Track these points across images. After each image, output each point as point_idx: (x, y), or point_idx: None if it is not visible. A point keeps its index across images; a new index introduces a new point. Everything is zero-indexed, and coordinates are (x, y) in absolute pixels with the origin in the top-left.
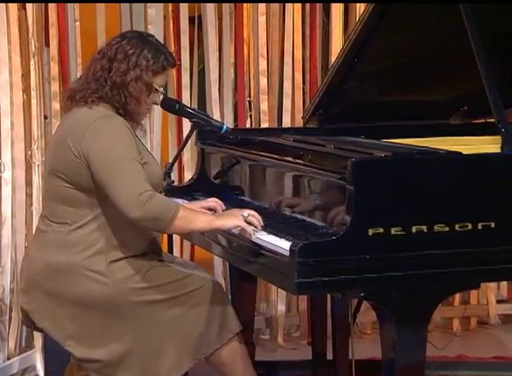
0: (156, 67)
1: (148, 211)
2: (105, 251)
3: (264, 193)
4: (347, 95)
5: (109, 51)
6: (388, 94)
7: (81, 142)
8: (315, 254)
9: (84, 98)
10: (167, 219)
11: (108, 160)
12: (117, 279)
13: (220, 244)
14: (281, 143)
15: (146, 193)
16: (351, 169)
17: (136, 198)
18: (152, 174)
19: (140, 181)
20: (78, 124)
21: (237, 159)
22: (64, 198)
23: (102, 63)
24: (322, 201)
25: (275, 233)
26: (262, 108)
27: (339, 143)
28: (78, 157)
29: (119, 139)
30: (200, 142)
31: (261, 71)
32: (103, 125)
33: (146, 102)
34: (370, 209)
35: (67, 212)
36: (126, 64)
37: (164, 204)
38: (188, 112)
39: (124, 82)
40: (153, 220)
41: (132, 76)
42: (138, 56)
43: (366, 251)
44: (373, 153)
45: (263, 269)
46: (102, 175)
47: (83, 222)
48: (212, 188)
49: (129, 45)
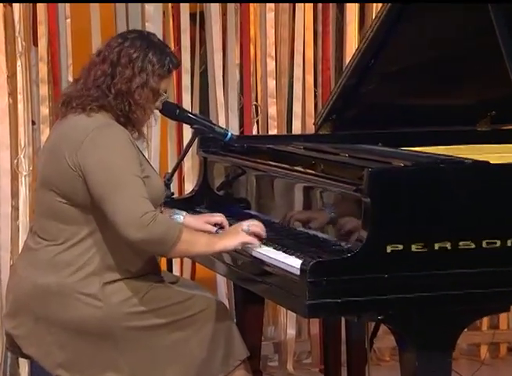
0: (163, 71)
1: (150, 235)
2: (99, 272)
3: (272, 206)
4: (363, 99)
5: (111, 54)
6: (409, 97)
7: (78, 153)
8: (328, 273)
9: (83, 105)
10: (170, 243)
11: (107, 174)
12: (112, 302)
13: (224, 261)
14: (291, 152)
15: (148, 214)
16: (367, 180)
17: (138, 219)
18: (153, 189)
19: (142, 200)
20: (75, 133)
21: (243, 169)
22: (56, 214)
23: (104, 68)
24: (336, 215)
25: (284, 250)
26: (270, 113)
27: (354, 152)
28: (74, 168)
29: (119, 150)
30: (202, 150)
31: (268, 73)
32: (103, 135)
33: (151, 109)
34: (388, 224)
35: (59, 229)
36: (131, 70)
37: (167, 227)
38: (189, 117)
39: (129, 90)
40: (154, 244)
41: (138, 82)
42: (144, 59)
43: (384, 269)
44: (391, 162)
45: (271, 290)
46: (99, 190)
47: (76, 240)
48: (215, 200)
49: (132, 48)
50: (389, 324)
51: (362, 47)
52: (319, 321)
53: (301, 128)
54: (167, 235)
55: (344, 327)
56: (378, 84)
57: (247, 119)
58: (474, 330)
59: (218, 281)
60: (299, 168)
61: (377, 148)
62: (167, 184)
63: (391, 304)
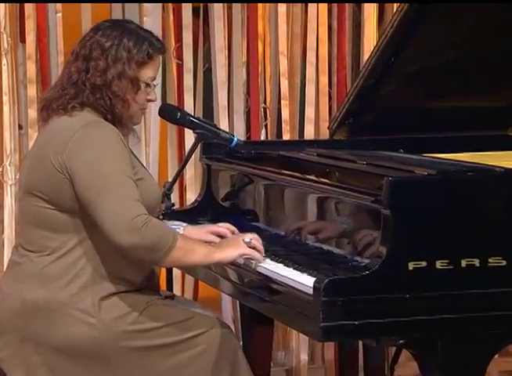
0: (141, 57)
1: (142, 239)
2: (92, 285)
3: (282, 219)
4: (382, 101)
5: (83, 49)
6: (432, 100)
7: (64, 154)
8: (344, 292)
9: (63, 105)
10: (163, 249)
11: (95, 176)
12: (107, 319)
13: (229, 279)
14: (303, 159)
15: (140, 217)
16: (387, 190)
17: (129, 223)
18: (148, 192)
19: (133, 202)
20: (60, 134)
21: (250, 177)
22: (43, 222)
23: (77, 65)
24: (353, 229)
25: (295, 267)
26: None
27: (373, 159)
28: (60, 171)
29: (109, 150)
30: (205, 157)
31: (278, 72)
32: (90, 133)
33: (135, 100)
34: (410, 238)
35: (46, 239)
36: (104, 61)
37: (161, 232)
38: (191, 121)
39: (105, 82)
40: (147, 250)
41: (114, 73)
42: (118, 47)
43: (406, 288)
44: (413, 170)
45: (281, 310)
46: (87, 193)
47: (65, 249)
48: (220, 212)
49: (104, 37)
50: (411, 349)
51: (381, 44)
52: (334, 345)
53: (314, 132)
54: (161, 240)
55: (362, 352)
56: (399, 85)
57: (255, 123)
58: (505, 356)
59: (223, 301)
60: (312, 176)
61: (398, 155)
62: (168, 194)
63: (413, 327)
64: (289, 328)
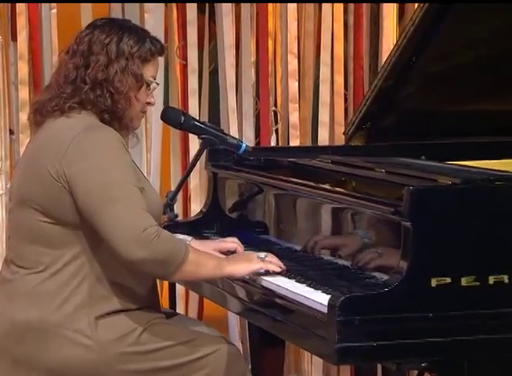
0: (144, 53)
1: (154, 253)
2: (88, 304)
3: (294, 231)
4: (402, 104)
5: (81, 45)
6: (457, 103)
7: (63, 161)
8: (361, 310)
9: (59, 106)
10: (175, 263)
11: (99, 184)
12: (104, 340)
13: (237, 296)
14: (316, 166)
15: (150, 228)
16: (408, 200)
17: (139, 235)
18: (151, 204)
19: (142, 212)
20: (57, 138)
21: (260, 187)
22: (38, 236)
23: (75, 61)
24: (370, 242)
25: (308, 283)
26: (292, 120)
27: (392, 166)
28: (58, 180)
29: (112, 155)
30: (211, 164)
31: (290, 73)
32: (91, 138)
33: (137, 99)
34: (433, 253)
35: (40, 254)
36: (106, 55)
37: (173, 244)
38: (196, 126)
39: (107, 77)
40: (158, 264)
41: (116, 67)
42: (118, 43)
43: (429, 307)
44: (436, 179)
45: (293, 330)
46: (90, 203)
47: (60, 264)
48: (227, 224)
49: (103, 34)
50: (435, 373)
51: (401, 42)
52: (350, 369)
53: (329, 138)
54: (173, 253)
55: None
56: (420, 86)
57: (265, 127)
58: None
59: (230, 320)
60: (326, 185)
61: (420, 162)
62: (170, 205)
63: (436, 349)
64: (301, 350)
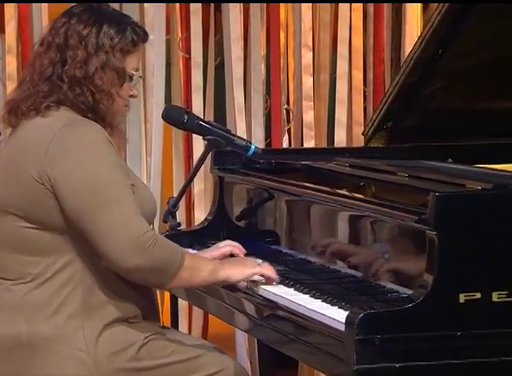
0: (125, 44)
1: (150, 260)
2: (81, 315)
3: (308, 242)
4: (427, 102)
5: (56, 38)
6: (487, 101)
7: (44, 160)
8: (382, 328)
9: (35, 105)
10: (172, 270)
11: (88, 184)
12: (100, 356)
13: (245, 312)
14: (333, 170)
15: (147, 234)
16: (433, 207)
17: (135, 242)
18: (143, 201)
19: (136, 217)
20: (35, 138)
21: (270, 192)
22: (21, 244)
23: (51, 56)
24: (392, 253)
25: (324, 298)
26: (306, 120)
27: (416, 170)
28: (40, 181)
29: (99, 153)
30: (217, 168)
31: (304, 67)
32: (73, 135)
33: (119, 95)
34: (461, 265)
35: (26, 264)
36: (84, 50)
37: (170, 250)
38: (200, 126)
39: (87, 74)
40: (154, 271)
41: (96, 63)
42: (98, 35)
43: (457, 325)
44: (464, 184)
45: (307, 350)
46: (78, 207)
47: (49, 273)
48: (234, 233)
49: (81, 24)
50: None
51: (426, 34)
52: None
53: (346, 139)
54: (170, 260)
55: None
56: (448, 82)
57: (276, 127)
58: None
59: (238, 338)
60: (343, 191)
61: (446, 165)
62: (172, 212)
63: (465, 371)
64: (316, 371)
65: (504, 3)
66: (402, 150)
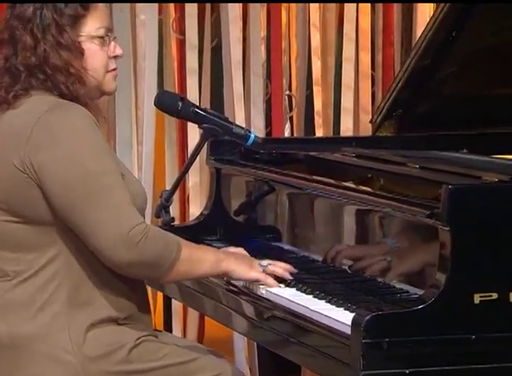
0: (73, 11)
1: (142, 255)
2: (67, 313)
3: (312, 238)
4: (440, 88)
5: (5, 32)
6: (506, 86)
7: (26, 148)
8: (391, 331)
9: (2, 97)
10: (167, 264)
11: (76, 177)
12: (88, 357)
13: (244, 314)
14: (338, 161)
15: (138, 226)
16: (446, 201)
17: (126, 235)
18: (132, 196)
19: (128, 208)
20: (15, 126)
21: (271, 185)
22: (3, 240)
23: (5, 52)
24: (402, 250)
25: (329, 299)
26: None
27: (428, 161)
28: (23, 170)
29: (87, 140)
30: (213, 159)
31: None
32: (58, 119)
33: (86, 69)
34: (476, 263)
35: (7, 261)
36: (30, 34)
37: (163, 243)
38: (196, 113)
39: (40, 59)
40: (147, 266)
41: (45, 46)
42: (41, 11)
43: (471, 328)
44: (480, 176)
45: (310, 355)
46: (66, 197)
47: (33, 270)
48: (232, 230)
49: (22, 7)
50: None
51: (439, 14)
52: None
53: (353, 127)
54: (164, 254)
55: None
56: (463, 67)
57: (277, 115)
58: None
59: (236, 342)
60: (350, 183)
61: (460, 156)
62: (166, 206)
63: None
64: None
65: None
66: (412, 139)
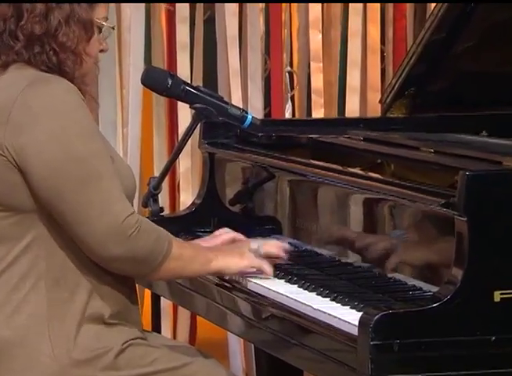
0: None
1: (132, 250)
2: (47, 312)
3: (315, 230)
4: (457, 64)
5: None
6: None
7: (7, 129)
8: (402, 332)
9: None
10: (156, 261)
11: (62, 160)
12: (69, 361)
13: (241, 314)
14: (344, 145)
15: (130, 218)
16: (463, 189)
17: (117, 228)
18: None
19: (120, 196)
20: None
21: (270, 171)
22: None
23: (2, 10)
24: (414, 243)
25: (333, 297)
26: (313, 85)
27: (443, 145)
28: (2, 153)
29: (74, 119)
30: (207, 143)
31: (310, 23)
32: (43, 96)
33: (87, 52)
34: (497, 257)
35: None
36: (43, 3)
37: (155, 237)
38: (187, 92)
39: (48, 30)
40: (136, 262)
41: (59, 16)
42: None
43: (491, 328)
44: (501, 161)
45: (313, 358)
46: (52, 185)
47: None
48: (227, 220)
49: None
50: None
51: None
52: None
53: (360, 107)
54: (155, 250)
55: None
56: (482, 40)
57: (277, 94)
58: None
59: (231, 345)
60: (357, 170)
61: (479, 139)
62: (154, 195)
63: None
64: None
65: None
66: (426, 120)
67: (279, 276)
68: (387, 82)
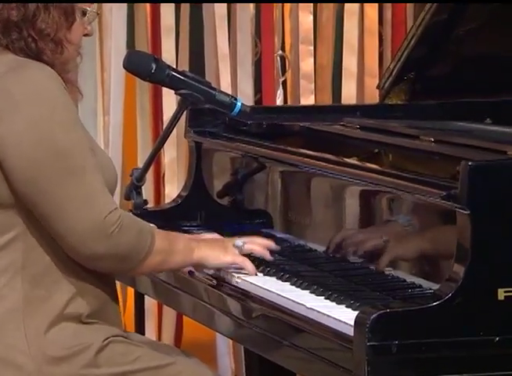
0: None
1: (114, 247)
2: (24, 308)
3: (308, 224)
4: (459, 47)
5: None
6: None
7: None
8: (401, 332)
9: None
10: (138, 257)
11: (44, 152)
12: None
13: (230, 313)
14: (339, 134)
15: (112, 214)
16: (466, 180)
17: (99, 225)
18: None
19: (102, 191)
20: None
21: (261, 162)
22: None
23: None
24: (413, 238)
25: (328, 295)
26: (305, 69)
27: (444, 134)
28: None
29: (56, 107)
30: (193, 131)
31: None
32: (22, 83)
33: (68, 40)
34: (501, 252)
35: None
36: None
37: (137, 233)
38: (172, 77)
39: (25, 17)
40: (117, 259)
41: (37, 1)
42: None
43: (494, 328)
44: (506, 150)
45: (305, 359)
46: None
47: None
48: (215, 214)
49: None
50: None
51: None
52: None
53: (357, 93)
54: (137, 247)
55: None
56: (487, 22)
57: (268, 79)
58: None
59: (220, 347)
60: (353, 160)
61: (483, 127)
62: (137, 186)
63: None
64: None
65: None
66: (427, 107)
67: (270, 273)
68: (386, 67)
